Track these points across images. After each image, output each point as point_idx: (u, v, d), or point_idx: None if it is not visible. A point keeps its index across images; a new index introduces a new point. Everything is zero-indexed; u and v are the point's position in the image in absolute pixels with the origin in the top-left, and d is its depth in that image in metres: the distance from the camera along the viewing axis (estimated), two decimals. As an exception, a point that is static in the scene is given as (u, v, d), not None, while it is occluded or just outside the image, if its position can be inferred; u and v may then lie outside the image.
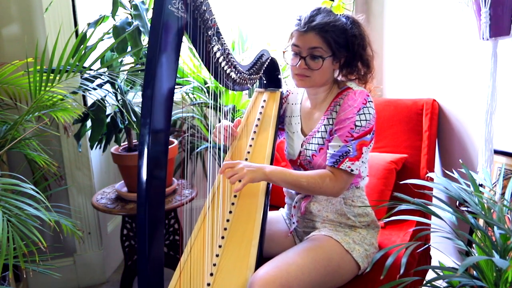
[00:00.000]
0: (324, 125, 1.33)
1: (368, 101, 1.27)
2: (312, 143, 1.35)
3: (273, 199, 1.76)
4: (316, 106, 1.40)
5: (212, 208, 1.28)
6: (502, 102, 1.53)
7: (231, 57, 1.23)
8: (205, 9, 1.04)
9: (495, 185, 1.52)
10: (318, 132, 1.34)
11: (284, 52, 1.34)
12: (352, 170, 1.24)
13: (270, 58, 1.52)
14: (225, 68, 1.23)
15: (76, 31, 1.91)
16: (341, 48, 1.29)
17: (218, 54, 1.16)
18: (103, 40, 1.62)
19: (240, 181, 1.17)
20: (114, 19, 1.69)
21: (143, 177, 0.90)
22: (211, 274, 1.11)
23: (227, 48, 1.19)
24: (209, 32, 1.10)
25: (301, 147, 1.39)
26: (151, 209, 0.91)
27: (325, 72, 1.30)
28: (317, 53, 1.27)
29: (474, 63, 1.73)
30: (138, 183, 0.91)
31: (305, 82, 1.32)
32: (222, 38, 1.16)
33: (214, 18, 1.09)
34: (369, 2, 2.38)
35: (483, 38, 1.41)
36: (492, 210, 1.09)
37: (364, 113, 1.25)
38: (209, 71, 1.18)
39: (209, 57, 1.14)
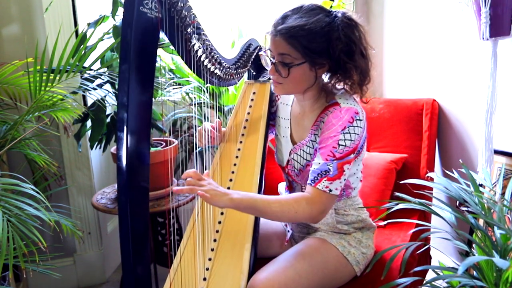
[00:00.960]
0: (311, 140, 1.26)
1: (356, 120, 1.15)
2: (299, 156, 1.28)
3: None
4: (304, 113, 1.30)
5: (202, 209, 1.24)
6: (502, 102, 1.53)
7: (214, 53, 1.17)
8: (182, 5, 0.99)
9: (495, 185, 1.51)
10: (306, 146, 1.27)
11: (260, 55, 1.26)
12: (330, 190, 1.13)
13: (258, 47, 1.44)
14: (208, 66, 1.17)
15: (76, 31, 1.91)
16: (318, 54, 1.14)
17: (199, 52, 1.11)
18: (103, 40, 1.62)
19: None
20: (114, 19, 1.69)
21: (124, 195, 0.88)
22: (204, 279, 1.08)
23: (209, 44, 1.14)
24: (188, 30, 1.05)
25: (289, 155, 1.32)
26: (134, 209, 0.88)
27: (299, 80, 1.18)
28: (286, 60, 1.15)
29: (474, 63, 1.73)
30: (118, 190, 0.89)
31: (278, 88, 1.23)
32: (204, 34, 1.10)
33: (193, 14, 1.04)
34: (369, 2, 2.38)
35: (483, 38, 1.41)
36: (492, 210, 1.09)
37: (349, 132, 1.14)
38: (192, 70, 1.13)
39: (190, 55, 1.09)
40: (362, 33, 1.17)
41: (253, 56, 1.44)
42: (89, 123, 1.74)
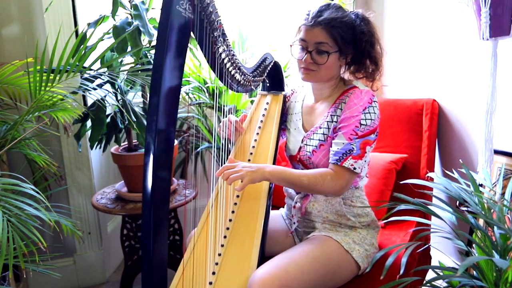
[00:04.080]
0: (327, 121, 1.33)
1: (374, 101, 1.28)
2: (313, 139, 1.36)
3: (273, 199, 1.77)
4: (319, 101, 1.40)
5: (215, 208, 1.29)
6: (502, 102, 1.53)
7: (236, 59, 1.24)
8: (211, 10, 1.05)
9: (495, 185, 1.52)
10: (320, 128, 1.35)
11: (291, 46, 1.35)
12: (355, 168, 1.24)
13: (273, 61, 1.54)
14: (230, 70, 1.23)
15: (76, 31, 1.91)
16: (348, 45, 1.29)
17: (223, 55, 1.17)
18: (103, 40, 1.62)
19: (241, 181, 1.17)
20: (114, 19, 1.69)
21: (149, 182, 0.92)
22: (213, 273, 1.12)
23: (232, 50, 1.21)
24: (215, 34, 1.11)
25: (302, 142, 1.39)
26: (156, 210, 0.93)
27: (331, 67, 1.31)
28: (323, 48, 1.28)
29: (474, 63, 1.73)
30: (143, 186, 0.93)
31: (310, 76, 1.33)
32: (227, 39, 1.17)
33: (220, 19, 1.10)
34: (369, 2, 2.38)
35: (483, 38, 1.41)
36: (492, 210, 1.09)
37: (369, 112, 1.26)
38: (214, 72, 1.19)
39: (215, 58, 1.15)
40: (374, 28, 1.34)
41: (268, 68, 1.52)
42: (89, 123, 1.74)
